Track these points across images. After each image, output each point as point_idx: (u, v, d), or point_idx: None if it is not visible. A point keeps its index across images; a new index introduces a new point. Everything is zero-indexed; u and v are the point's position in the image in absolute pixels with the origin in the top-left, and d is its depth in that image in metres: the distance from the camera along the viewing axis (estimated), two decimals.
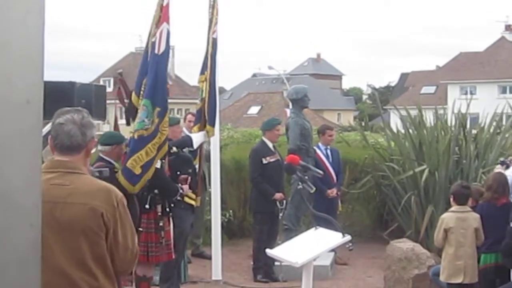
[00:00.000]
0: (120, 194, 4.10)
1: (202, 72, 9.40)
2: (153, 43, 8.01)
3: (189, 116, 11.47)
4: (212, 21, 9.48)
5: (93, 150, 4.51)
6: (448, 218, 8.53)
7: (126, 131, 8.45)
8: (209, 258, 10.93)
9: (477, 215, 8.44)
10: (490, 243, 8.47)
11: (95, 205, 3.95)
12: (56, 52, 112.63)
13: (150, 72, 7.93)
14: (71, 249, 3.93)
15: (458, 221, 8.40)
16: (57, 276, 3.87)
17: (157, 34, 7.97)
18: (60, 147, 4.08)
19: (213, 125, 9.37)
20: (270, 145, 10.96)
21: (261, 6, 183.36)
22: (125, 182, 7.49)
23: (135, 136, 7.68)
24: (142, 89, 7.99)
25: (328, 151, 12.25)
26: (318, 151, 12.12)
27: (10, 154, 2.25)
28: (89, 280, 3.93)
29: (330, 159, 12.20)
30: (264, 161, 10.78)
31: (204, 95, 9.28)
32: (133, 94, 8.24)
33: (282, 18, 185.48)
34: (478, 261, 8.54)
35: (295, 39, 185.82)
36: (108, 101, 11.41)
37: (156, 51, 7.96)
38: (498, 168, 9.75)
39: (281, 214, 10.76)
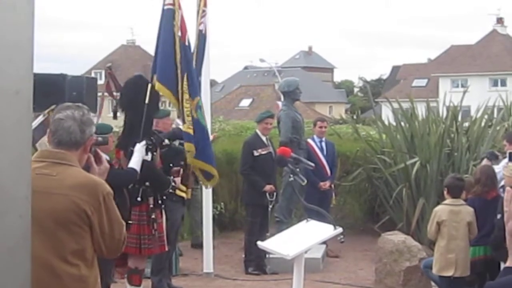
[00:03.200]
0: (107, 188, 4.08)
1: None
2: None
3: None
4: (198, 13, 9.47)
5: None
6: (441, 211, 8.52)
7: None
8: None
9: (470, 209, 8.42)
10: (480, 236, 8.47)
11: (79, 199, 3.94)
12: (47, 44, 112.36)
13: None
14: (52, 239, 3.92)
15: (451, 214, 8.39)
16: (39, 265, 3.85)
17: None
18: (58, 143, 4.07)
19: None
20: (263, 137, 10.95)
21: None
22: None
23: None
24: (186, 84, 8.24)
25: (323, 144, 12.23)
26: (312, 143, 12.12)
27: (0, 144, 2.24)
28: (69, 270, 3.93)
29: (324, 152, 12.18)
30: (255, 153, 10.79)
31: None
32: (169, 90, 8.26)
33: (273, 11, 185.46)
34: None
35: (286, 31, 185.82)
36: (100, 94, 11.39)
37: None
38: (485, 163, 9.76)
39: (270, 206, 10.75)
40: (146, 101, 7.80)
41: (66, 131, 4.06)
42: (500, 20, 73.97)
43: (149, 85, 7.95)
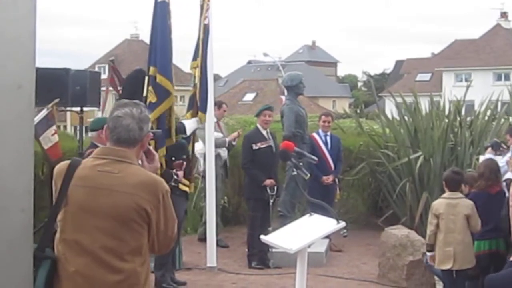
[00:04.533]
0: (166, 186, 4.13)
1: (194, 59, 9.40)
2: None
3: None
4: (203, 7, 9.46)
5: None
6: (438, 204, 8.52)
7: None
8: (226, 246, 11.82)
9: (469, 202, 8.40)
10: (484, 231, 8.44)
11: (140, 197, 3.98)
12: (51, 39, 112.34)
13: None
14: (111, 236, 3.97)
15: (448, 207, 8.38)
16: (94, 260, 3.94)
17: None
18: (116, 140, 4.10)
19: (204, 111, 9.37)
20: (264, 131, 10.94)
21: None
22: None
23: None
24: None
25: (328, 138, 12.21)
26: (316, 137, 12.12)
27: (1, 138, 2.24)
28: (124, 266, 3.98)
29: (329, 146, 12.16)
30: (254, 147, 10.78)
31: (196, 81, 9.29)
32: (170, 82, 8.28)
33: (277, 5, 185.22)
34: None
35: (290, 26, 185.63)
36: (103, 88, 11.40)
37: None
38: (488, 152, 9.73)
39: (271, 200, 10.73)
40: (144, 93, 7.80)
41: (125, 128, 4.08)
42: (503, 15, 73.87)
43: (146, 78, 7.94)
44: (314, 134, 12.21)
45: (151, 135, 4.27)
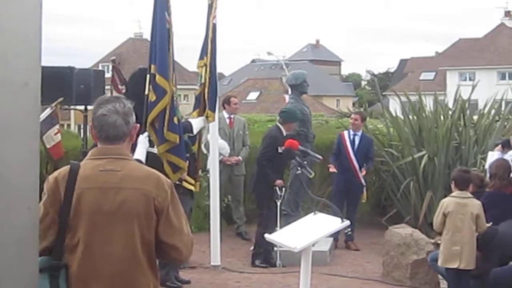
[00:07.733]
0: (169, 180, 4.14)
1: (201, 57, 9.36)
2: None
3: None
4: (212, 6, 9.45)
5: None
6: (448, 202, 8.52)
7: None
8: (247, 239, 12.12)
9: (478, 202, 8.40)
10: None
11: (148, 190, 3.97)
12: (54, 38, 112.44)
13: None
14: (122, 234, 3.94)
15: (458, 206, 8.38)
16: (106, 261, 3.90)
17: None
18: (105, 138, 4.07)
19: (213, 110, 9.36)
20: (284, 133, 10.87)
21: None
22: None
23: None
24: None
25: (356, 138, 12.18)
26: (345, 135, 12.17)
27: (8, 136, 2.24)
28: (135, 266, 3.95)
29: (356, 146, 12.13)
30: (279, 150, 10.73)
31: (203, 80, 9.26)
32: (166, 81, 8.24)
33: (281, 4, 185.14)
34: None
35: (294, 25, 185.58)
36: (107, 87, 11.42)
37: None
38: (497, 149, 9.72)
39: (280, 201, 10.68)
40: (146, 92, 7.81)
41: (111, 126, 4.05)
42: (508, 13, 73.89)
43: (148, 76, 7.93)
44: (344, 132, 12.24)
45: (138, 126, 4.26)
